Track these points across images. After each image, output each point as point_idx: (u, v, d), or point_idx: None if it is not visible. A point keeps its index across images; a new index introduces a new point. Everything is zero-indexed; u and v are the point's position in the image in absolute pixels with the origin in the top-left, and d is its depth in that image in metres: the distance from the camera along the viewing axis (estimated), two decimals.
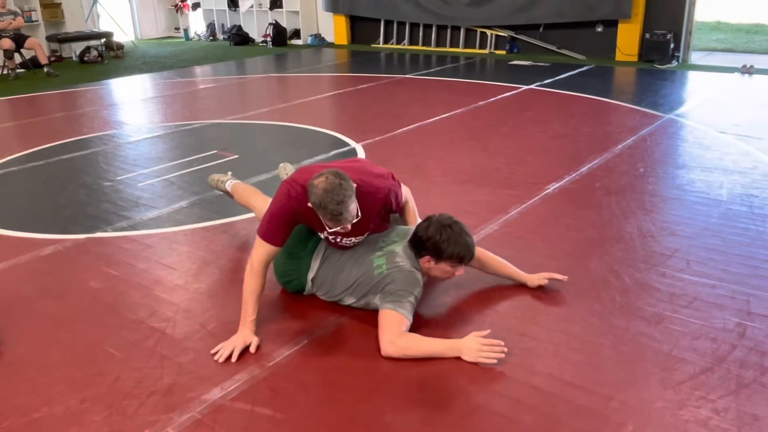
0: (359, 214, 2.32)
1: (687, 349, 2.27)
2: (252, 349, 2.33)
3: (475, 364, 2.21)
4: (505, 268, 2.74)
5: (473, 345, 2.24)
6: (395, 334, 2.28)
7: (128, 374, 2.24)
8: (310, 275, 2.61)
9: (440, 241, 2.39)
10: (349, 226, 2.32)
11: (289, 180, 2.46)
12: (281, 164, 3.71)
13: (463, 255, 2.43)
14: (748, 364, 2.18)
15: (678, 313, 2.50)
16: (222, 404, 2.08)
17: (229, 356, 2.30)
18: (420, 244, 2.44)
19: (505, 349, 2.22)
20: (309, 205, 2.29)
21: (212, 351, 2.34)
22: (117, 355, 2.36)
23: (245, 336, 2.36)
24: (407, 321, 2.34)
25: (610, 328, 2.42)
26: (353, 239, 2.53)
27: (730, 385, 2.08)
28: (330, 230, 2.35)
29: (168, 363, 2.30)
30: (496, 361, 2.20)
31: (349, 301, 2.55)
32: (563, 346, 2.32)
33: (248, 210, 3.33)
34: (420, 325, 2.48)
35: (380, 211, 2.54)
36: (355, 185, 2.30)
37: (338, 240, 2.52)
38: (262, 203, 3.01)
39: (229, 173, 3.47)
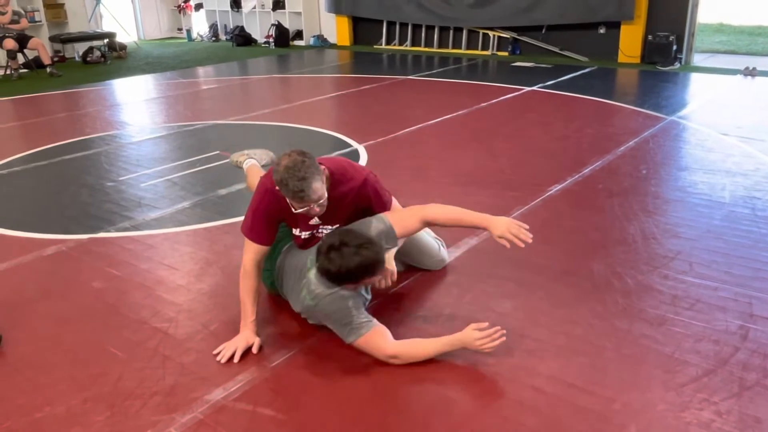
0: (326, 198, 2.27)
1: (689, 352, 2.27)
2: (254, 350, 2.33)
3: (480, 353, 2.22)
4: (464, 219, 2.49)
5: (504, 222, 2.36)
6: (388, 350, 2.22)
7: (130, 374, 2.25)
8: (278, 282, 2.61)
9: (343, 273, 2.19)
10: (317, 209, 2.26)
11: (267, 173, 2.43)
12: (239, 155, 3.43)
13: (373, 269, 2.23)
14: (750, 367, 2.18)
15: (680, 316, 2.50)
16: (224, 405, 2.08)
17: (232, 357, 2.30)
18: (331, 279, 2.24)
19: (504, 331, 2.19)
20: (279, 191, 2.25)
21: (214, 352, 2.34)
22: (119, 356, 2.36)
23: (247, 337, 2.36)
24: (379, 332, 2.24)
25: (613, 330, 2.42)
26: (325, 228, 2.47)
27: (732, 387, 2.08)
28: (296, 211, 2.27)
29: (170, 363, 2.31)
30: (522, 244, 2.33)
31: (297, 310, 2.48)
32: (565, 348, 2.32)
33: None
34: (421, 326, 2.49)
35: (354, 202, 2.46)
36: (326, 169, 2.31)
37: (310, 234, 2.47)
38: None
39: (246, 152, 3.34)
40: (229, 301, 2.69)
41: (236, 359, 2.29)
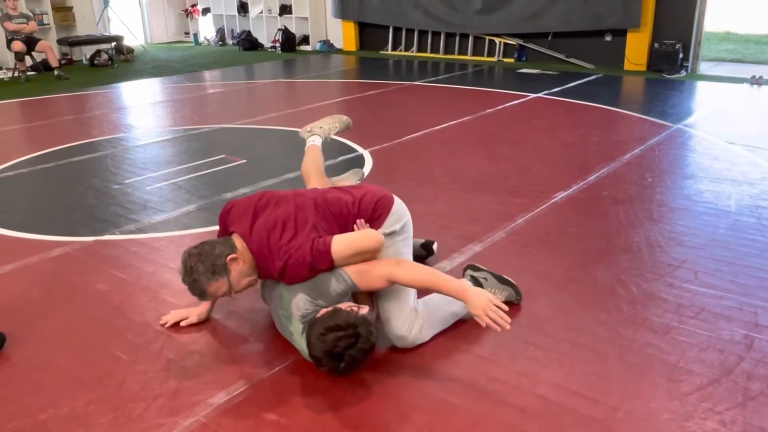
0: (232, 290, 2.22)
1: (694, 361, 2.26)
2: (184, 324, 2.55)
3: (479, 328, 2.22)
4: (438, 285, 2.20)
5: (483, 299, 2.09)
6: (393, 262, 2.23)
7: (134, 377, 2.25)
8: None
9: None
10: (232, 295, 2.26)
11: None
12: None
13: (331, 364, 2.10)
14: (755, 377, 2.17)
15: (685, 324, 2.49)
16: (227, 408, 2.08)
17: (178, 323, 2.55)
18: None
19: (510, 320, 2.10)
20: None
21: (164, 317, 2.59)
22: (123, 358, 2.37)
23: (199, 313, 2.57)
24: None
25: (617, 339, 2.42)
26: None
27: (737, 397, 2.07)
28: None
29: (174, 366, 2.31)
30: (499, 328, 2.07)
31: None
32: (569, 356, 2.32)
33: None
34: None
35: (281, 274, 2.24)
36: (239, 261, 2.21)
37: None
38: (313, 184, 2.89)
39: (310, 126, 3.26)
40: (233, 305, 2.69)
41: (183, 324, 2.55)
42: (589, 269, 2.97)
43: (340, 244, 2.21)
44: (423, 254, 3.08)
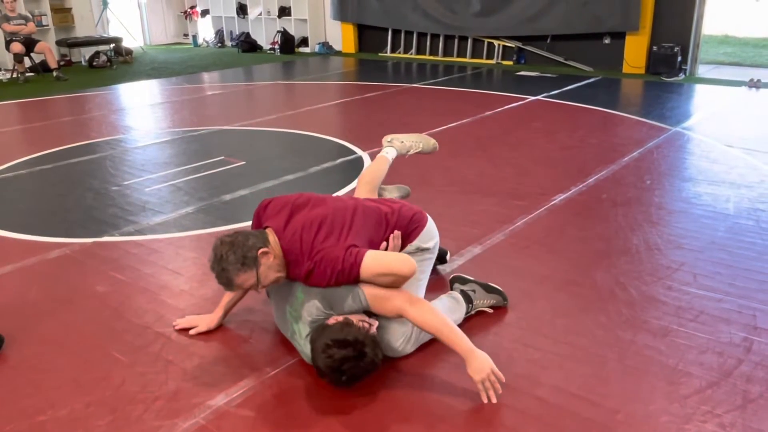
0: (259, 284, 2.18)
1: (693, 363, 2.27)
2: (192, 332, 2.53)
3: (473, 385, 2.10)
4: (444, 335, 2.13)
5: (486, 367, 2.05)
6: (409, 299, 2.15)
7: (133, 379, 2.25)
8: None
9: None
10: (259, 289, 2.22)
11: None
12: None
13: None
14: (754, 379, 2.17)
15: (684, 327, 2.49)
16: (226, 410, 2.08)
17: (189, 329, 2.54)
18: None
19: (500, 392, 2.07)
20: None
21: (176, 321, 2.59)
22: (122, 360, 2.36)
23: (209, 322, 2.54)
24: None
25: (616, 341, 2.42)
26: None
27: (736, 399, 2.07)
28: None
29: (173, 368, 2.31)
30: (487, 400, 2.05)
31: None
32: (569, 358, 2.32)
33: None
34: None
35: (308, 275, 2.22)
36: (270, 255, 2.17)
37: None
38: (359, 194, 2.84)
39: (390, 137, 3.16)
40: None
41: (191, 332, 2.52)
42: (588, 272, 2.97)
43: (372, 259, 2.16)
44: (435, 262, 3.07)
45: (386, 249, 2.36)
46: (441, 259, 3.06)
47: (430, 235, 2.51)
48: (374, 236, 2.34)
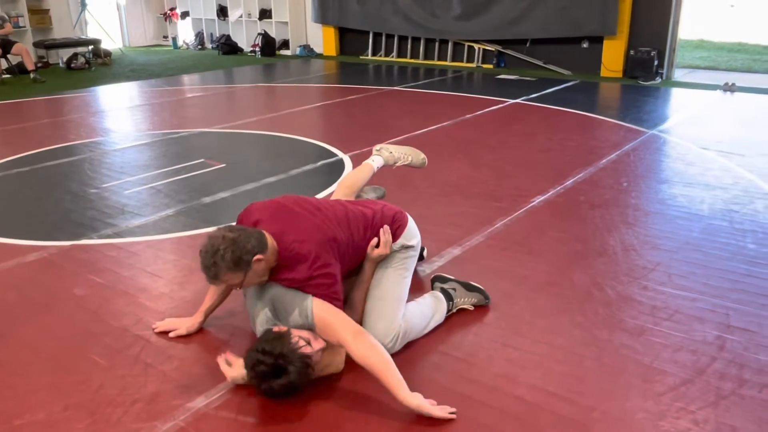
0: (242, 286, 2.19)
1: (668, 361, 2.31)
2: (172, 335, 2.53)
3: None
4: (383, 376, 2.04)
5: (424, 405, 2.01)
6: (353, 333, 2.10)
7: (112, 382, 2.24)
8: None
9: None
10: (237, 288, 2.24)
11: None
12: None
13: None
14: (727, 376, 2.22)
15: (659, 326, 2.54)
16: (206, 413, 2.07)
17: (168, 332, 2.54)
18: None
19: (453, 409, 2.04)
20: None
21: (156, 323, 2.58)
22: (101, 363, 2.35)
23: (189, 325, 2.53)
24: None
25: (593, 340, 2.45)
26: None
27: (709, 396, 2.12)
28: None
29: (152, 371, 2.30)
30: (441, 415, 2.01)
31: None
32: (547, 357, 2.35)
33: None
34: None
35: (304, 283, 2.22)
36: (262, 260, 2.14)
37: None
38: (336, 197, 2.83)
39: (380, 146, 3.17)
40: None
41: (171, 335, 2.51)
42: (566, 272, 3.01)
43: (339, 319, 2.15)
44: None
45: (377, 245, 2.39)
46: (419, 256, 3.08)
47: (413, 233, 2.54)
48: (360, 241, 2.38)
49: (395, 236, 2.46)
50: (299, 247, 2.19)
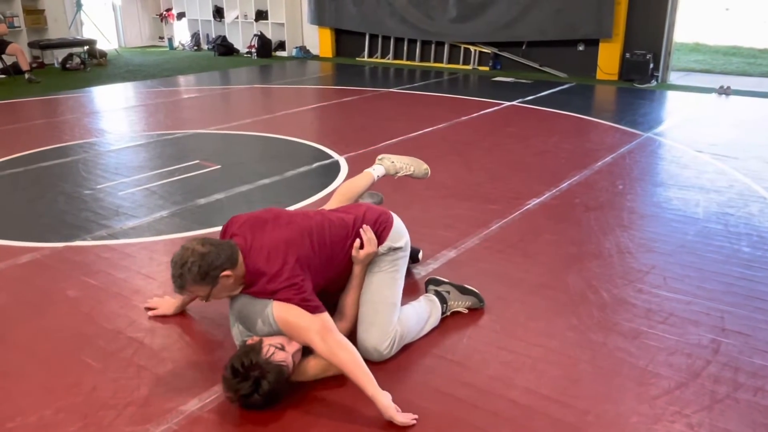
0: (209, 299, 2.18)
1: (662, 365, 2.31)
2: (151, 314, 2.67)
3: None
4: (352, 373, 2.06)
5: (386, 412, 1.99)
6: (319, 332, 2.08)
7: (105, 385, 2.22)
8: None
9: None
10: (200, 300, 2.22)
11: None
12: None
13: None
14: (721, 380, 2.22)
15: (654, 329, 2.54)
16: (199, 416, 2.06)
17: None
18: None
19: (415, 416, 2.01)
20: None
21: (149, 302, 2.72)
22: (94, 365, 2.33)
23: (168, 308, 2.66)
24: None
25: (588, 343, 2.45)
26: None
27: (704, 400, 2.12)
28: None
29: (145, 374, 2.29)
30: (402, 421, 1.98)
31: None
32: (541, 360, 2.34)
33: None
34: None
35: (271, 293, 2.19)
36: (230, 275, 2.13)
37: None
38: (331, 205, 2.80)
39: (382, 156, 3.12)
40: (205, 312, 2.67)
41: (149, 314, 2.66)
42: (561, 275, 3.01)
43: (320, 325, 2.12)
44: (408, 263, 3.09)
45: (361, 246, 2.36)
46: (413, 258, 3.08)
47: (400, 234, 2.51)
48: (342, 249, 2.35)
49: (381, 238, 2.42)
50: (266, 262, 2.16)
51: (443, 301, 2.61)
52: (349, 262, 2.40)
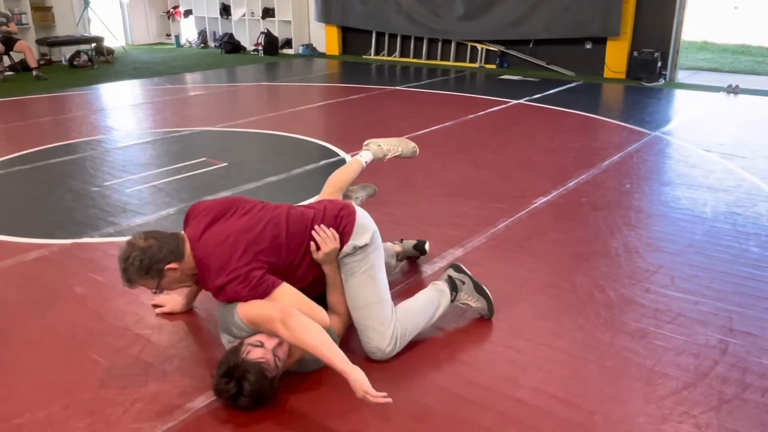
0: (161, 291, 2.22)
1: (670, 365, 2.30)
2: (158, 311, 2.68)
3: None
4: (318, 351, 2.00)
5: (358, 385, 1.91)
6: (280, 318, 2.03)
7: (112, 381, 2.23)
8: None
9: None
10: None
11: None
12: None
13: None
14: (729, 380, 2.21)
15: (662, 329, 2.53)
16: (206, 413, 2.07)
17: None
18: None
19: (385, 395, 1.91)
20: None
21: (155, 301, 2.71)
22: (101, 362, 2.34)
23: (174, 305, 2.68)
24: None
25: (595, 343, 2.44)
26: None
27: (711, 400, 2.11)
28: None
29: (152, 370, 2.29)
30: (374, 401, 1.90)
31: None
32: (548, 360, 2.34)
33: None
34: None
35: (218, 291, 2.18)
36: (176, 269, 2.15)
37: None
38: (323, 196, 2.78)
39: (370, 141, 3.06)
40: (212, 309, 2.68)
41: (157, 311, 2.67)
42: (568, 274, 3.00)
43: (287, 296, 2.13)
44: (416, 255, 3.10)
45: (318, 248, 2.29)
46: (420, 250, 3.06)
47: (364, 228, 2.38)
48: (301, 243, 2.29)
49: (344, 235, 2.33)
50: (212, 253, 2.15)
51: (454, 288, 2.55)
52: (312, 260, 2.32)
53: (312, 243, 2.30)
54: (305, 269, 2.33)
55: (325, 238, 2.29)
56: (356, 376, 1.92)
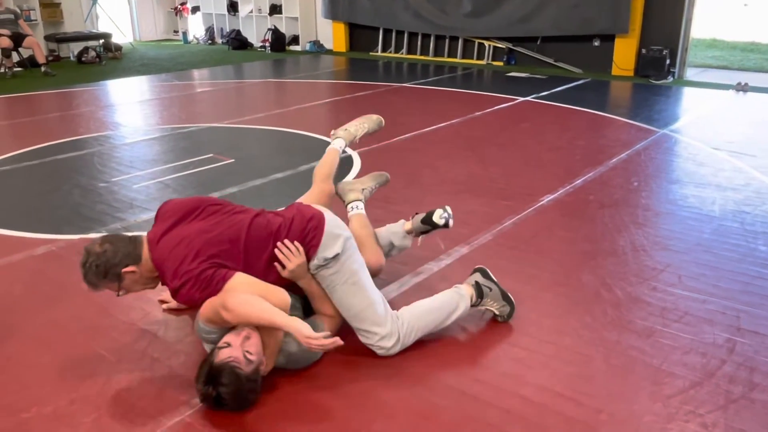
0: (123, 293, 2.21)
1: (677, 364, 2.29)
2: (165, 307, 2.69)
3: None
4: (263, 318, 2.04)
5: (301, 333, 1.97)
6: (222, 299, 2.04)
7: (118, 376, 2.24)
8: None
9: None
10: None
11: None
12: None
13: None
14: (737, 380, 2.20)
15: (669, 328, 2.52)
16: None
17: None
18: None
19: (341, 343, 1.99)
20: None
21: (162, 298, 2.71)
22: (108, 357, 2.35)
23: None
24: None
25: (601, 341, 2.43)
26: None
27: (718, 400, 2.10)
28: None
29: (159, 366, 2.30)
30: (323, 348, 2.00)
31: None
32: (554, 358, 2.33)
33: None
34: None
35: (174, 294, 2.18)
36: (134, 271, 2.15)
37: None
38: (315, 189, 2.81)
39: (335, 131, 3.13)
40: None
41: (163, 307, 2.69)
42: (574, 272, 2.99)
43: (245, 284, 2.11)
44: (427, 229, 2.83)
45: (283, 267, 2.24)
46: (429, 222, 2.80)
47: (334, 237, 2.29)
48: (264, 252, 2.24)
49: (311, 247, 2.25)
50: (168, 256, 2.14)
51: (480, 295, 2.51)
52: (274, 271, 2.26)
53: (276, 263, 2.24)
54: (275, 280, 2.25)
55: (288, 254, 2.23)
56: (297, 326, 1.99)
